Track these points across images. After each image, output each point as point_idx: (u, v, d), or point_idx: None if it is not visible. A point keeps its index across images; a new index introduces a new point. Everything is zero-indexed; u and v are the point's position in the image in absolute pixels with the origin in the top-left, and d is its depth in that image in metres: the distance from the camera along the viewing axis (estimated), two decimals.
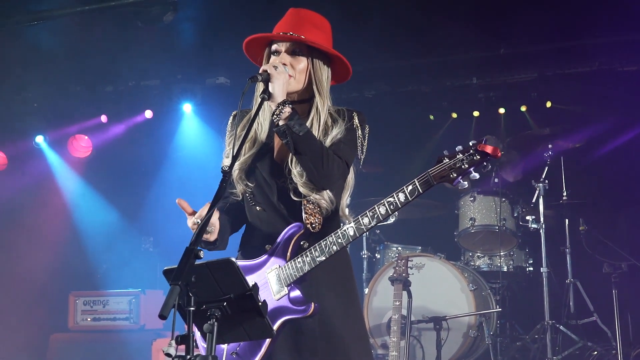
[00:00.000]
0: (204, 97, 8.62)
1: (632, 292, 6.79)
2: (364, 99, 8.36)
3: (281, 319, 2.99)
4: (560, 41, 7.51)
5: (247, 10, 6.55)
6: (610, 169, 7.83)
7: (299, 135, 2.95)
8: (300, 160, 3.02)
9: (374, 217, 2.94)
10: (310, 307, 2.97)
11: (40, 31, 7.17)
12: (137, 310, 7.29)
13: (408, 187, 2.91)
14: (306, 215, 3.11)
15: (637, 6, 6.62)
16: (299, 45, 3.14)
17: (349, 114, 3.22)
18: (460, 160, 2.85)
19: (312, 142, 2.99)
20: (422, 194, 2.89)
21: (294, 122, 2.95)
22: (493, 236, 7.14)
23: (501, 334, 6.86)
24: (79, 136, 9.02)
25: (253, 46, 3.27)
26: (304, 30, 3.14)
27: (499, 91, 8.23)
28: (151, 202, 8.85)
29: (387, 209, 2.92)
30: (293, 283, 3.01)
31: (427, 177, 2.89)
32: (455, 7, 6.62)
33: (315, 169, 3.00)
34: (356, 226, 2.97)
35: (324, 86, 3.18)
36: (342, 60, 3.22)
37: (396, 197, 2.91)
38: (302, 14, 3.22)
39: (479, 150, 2.82)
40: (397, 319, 5.55)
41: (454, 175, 2.85)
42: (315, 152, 2.99)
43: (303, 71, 3.14)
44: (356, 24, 6.76)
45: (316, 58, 3.17)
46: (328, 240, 2.99)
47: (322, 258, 2.99)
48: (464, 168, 2.84)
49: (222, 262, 2.54)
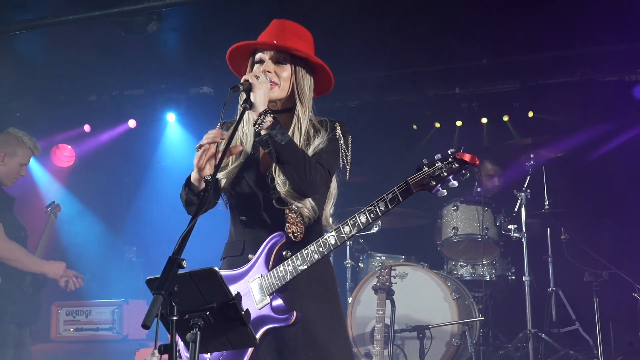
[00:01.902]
0: (188, 106, 8.62)
1: (613, 301, 6.84)
2: (348, 109, 8.39)
3: (263, 327, 3.00)
4: (542, 51, 7.57)
5: (231, 21, 6.57)
6: (591, 179, 7.90)
7: (281, 144, 2.96)
8: (283, 169, 3.04)
9: (354, 225, 2.96)
10: (292, 316, 2.98)
11: (24, 41, 7.15)
12: (120, 320, 7.25)
13: (388, 196, 2.93)
14: (288, 225, 3.14)
15: (618, 18, 6.70)
16: (283, 54, 3.17)
17: (331, 124, 3.25)
18: (439, 168, 2.88)
19: (294, 151, 3.01)
20: (401, 202, 2.91)
21: (276, 131, 2.97)
22: (476, 245, 7.17)
23: (484, 342, 6.88)
24: (62, 145, 8.98)
25: (237, 56, 3.29)
26: (288, 40, 3.18)
27: (482, 101, 8.29)
28: (134, 211, 8.84)
29: (368, 218, 2.94)
30: (275, 292, 3.02)
31: (407, 186, 2.91)
32: (438, 17, 6.67)
33: (298, 177, 3.02)
34: (337, 235, 2.98)
35: (306, 95, 3.21)
36: (324, 70, 3.25)
37: (377, 206, 2.93)
38: (286, 24, 3.26)
39: (457, 158, 2.86)
40: (381, 328, 5.57)
41: (433, 183, 2.88)
42: (298, 161, 3.01)
43: (287, 79, 3.17)
44: (339, 34, 6.79)
45: (299, 67, 3.19)
46: (309, 249, 3.00)
47: (303, 267, 3.00)
48: (443, 176, 2.87)
49: (205, 272, 2.55)
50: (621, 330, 6.94)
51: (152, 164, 9.03)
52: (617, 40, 7.25)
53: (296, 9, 6.11)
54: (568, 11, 6.64)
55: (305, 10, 6.27)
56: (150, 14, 6.52)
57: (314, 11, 6.37)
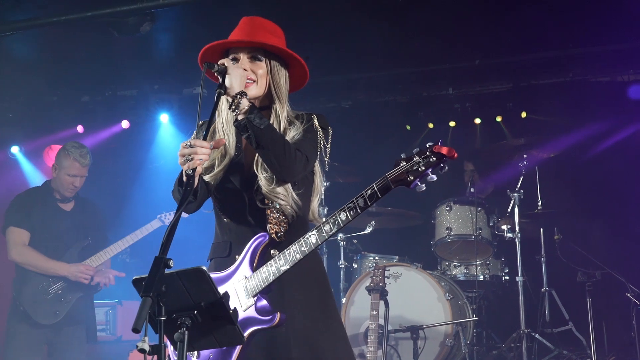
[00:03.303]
0: (181, 107, 8.61)
1: (606, 300, 6.85)
2: (341, 109, 8.39)
3: (249, 329, 2.98)
4: (535, 52, 7.60)
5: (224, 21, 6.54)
6: (584, 179, 7.92)
7: (260, 128, 2.96)
8: (262, 154, 3.03)
9: (334, 223, 2.93)
10: (276, 317, 2.95)
11: (16, 41, 7.13)
12: (114, 321, 7.26)
13: (367, 192, 2.89)
14: (270, 225, 3.13)
15: (609, 19, 6.72)
16: (257, 51, 3.16)
17: (307, 116, 3.24)
18: (416, 162, 2.82)
19: (273, 135, 3.00)
20: (380, 198, 2.87)
21: (254, 115, 2.96)
22: (469, 245, 7.18)
23: (477, 342, 6.89)
24: (55, 146, 8.95)
25: (209, 57, 3.25)
26: (260, 36, 3.17)
27: (475, 101, 8.30)
28: (128, 212, 8.81)
29: (347, 215, 2.90)
30: (259, 293, 3.00)
31: (385, 181, 2.87)
32: (431, 18, 6.67)
33: (277, 161, 3.01)
34: (318, 234, 2.95)
35: (282, 90, 3.21)
36: (299, 65, 3.24)
37: (356, 202, 2.90)
38: (256, 21, 3.24)
39: (434, 151, 2.80)
40: (375, 328, 5.56)
41: (411, 178, 2.82)
42: (277, 145, 2.99)
43: (263, 76, 3.16)
44: (333, 35, 6.80)
45: (274, 62, 3.19)
46: (291, 249, 2.97)
47: (286, 267, 2.98)
48: (420, 170, 2.81)
49: (193, 271, 2.54)
50: (614, 330, 6.96)
51: (146, 164, 9.01)
52: (610, 41, 7.27)
53: (289, 10, 6.12)
54: (561, 12, 6.66)
55: (298, 11, 6.28)
56: (143, 15, 6.52)
57: (307, 12, 6.39)
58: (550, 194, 7.21)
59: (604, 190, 7.77)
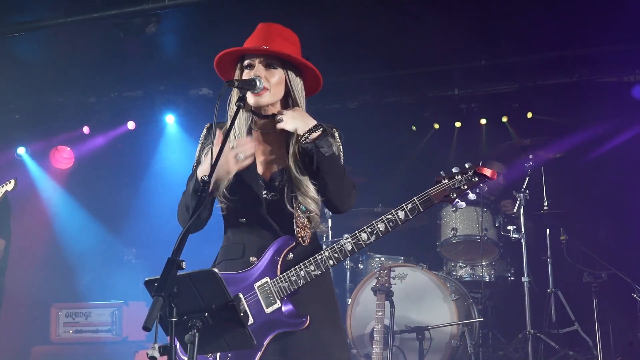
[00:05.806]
0: (187, 108, 8.63)
1: (612, 301, 6.84)
2: (347, 110, 8.40)
3: (274, 332, 2.99)
4: (541, 53, 7.59)
5: (230, 22, 6.57)
6: (590, 179, 7.90)
7: (325, 155, 3.01)
8: (319, 179, 3.06)
9: (372, 233, 2.99)
10: (306, 320, 2.98)
11: (23, 42, 7.15)
12: (120, 322, 7.26)
13: (408, 205, 2.98)
14: (297, 229, 3.11)
15: (616, 19, 6.71)
16: (273, 59, 3.13)
17: (330, 132, 3.19)
18: (459, 181, 2.99)
19: (336, 165, 3.07)
20: (422, 212, 2.97)
21: (322, 141, 3.02)
22: (475, 246, 7.17)
23: (483, 343, 6.88)
24: (61, 147, 9.00)
25: (224, 62, 3.23)
26: (276, 43, 3.13)
27: (481, 102, 8.30)
28: (134, 213, 8.83)
29: (387, 226, 2.98)
30: (286, 296, 3.01)
31: (428, 197, 2.99)
32: (437, 19, 6.67)
33: (335, 191, 3.08)
34: (354, 242, 3.00)
35: (302, 99, 3.19)
36: (313, 73, 3.21)
37: (396, 215, 2.98)
38: (273, 28, 3.21)
39: (477, 172, 2.97)
40: (380, 329, 5.56)
41: (454, 195, 2.99)
42: (337, 176, 3.07)
43: (277, 84, 3.12)
44: (338, 36, 6.80)
45: (290, 71, 3.16)
46: (324, 255, 3.00)
47: (317, 272, 3.01)
48: (463, 189, 2.98)
49: (205, 273, 2.54)
50: (620, 331, 6.94)
51: (151, 165, 9.03)
52: (616, 41, 7.26)
53: (295, 11, 6.12)
54: (566, 13, 6.66)
55: (304, 12, 6.28)
56: (149, 16, 6.53)
57: (313, 14, 6.39)
58: (556, 195, 7.20)
59: (610, 190, 7.75)
